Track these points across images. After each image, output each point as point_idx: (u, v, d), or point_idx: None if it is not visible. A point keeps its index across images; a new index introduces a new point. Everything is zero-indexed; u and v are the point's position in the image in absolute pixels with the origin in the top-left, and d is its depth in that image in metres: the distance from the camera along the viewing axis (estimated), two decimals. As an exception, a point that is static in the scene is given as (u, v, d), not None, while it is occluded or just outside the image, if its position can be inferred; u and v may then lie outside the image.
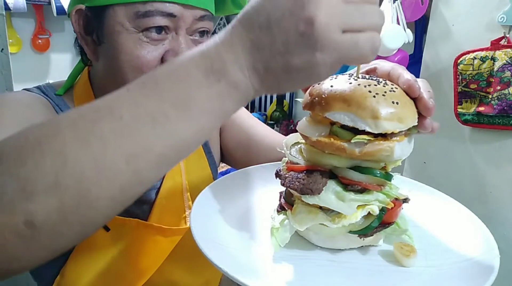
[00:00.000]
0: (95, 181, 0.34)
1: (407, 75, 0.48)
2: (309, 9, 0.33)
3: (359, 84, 0.46)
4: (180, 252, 0.77)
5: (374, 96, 0.44)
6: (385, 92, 0.45)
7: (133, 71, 0.62)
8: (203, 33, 0.67)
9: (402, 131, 0.46)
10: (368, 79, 0.47)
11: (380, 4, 1.40)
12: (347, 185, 0.48)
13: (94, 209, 0.34)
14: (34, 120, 0.63)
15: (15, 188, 0.33)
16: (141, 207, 0.75)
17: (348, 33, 0.35)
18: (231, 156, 0.90)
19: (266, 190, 0.63)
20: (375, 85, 0.46)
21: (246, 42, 0.35)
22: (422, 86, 0.48)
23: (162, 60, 0.63)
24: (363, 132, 0.45)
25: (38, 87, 0.72)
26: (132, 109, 0.35)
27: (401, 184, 0.53)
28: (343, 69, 2.00)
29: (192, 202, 0.77)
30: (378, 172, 0.48)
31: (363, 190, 0.48)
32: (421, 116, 0.48)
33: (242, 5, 0.78)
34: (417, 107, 0.47)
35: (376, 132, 0.44)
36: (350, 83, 0.46)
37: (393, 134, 0.45)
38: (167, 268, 0.77)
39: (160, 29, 0.61)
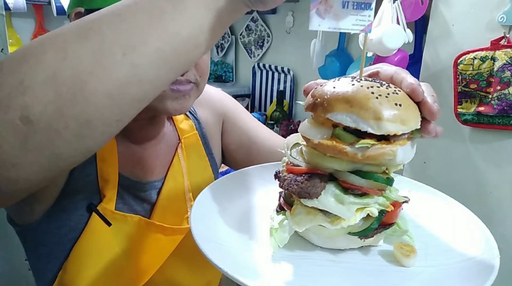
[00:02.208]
0: (92, 72, 0.34)
1: (410, 79, 0.48)
2: None
3: (361, 86, 0.46)
4: (182, 252, 0.77)
5: (377, 98, 0.44)
6: (388, 94, 0.45)
7: None
8: None
9: (405, 135, 0.46)
10: (371, 81, 0.47)
11: (380, 4, 1.40)
12: (347, 189, 0.48)
13: (90, 104, 0.34)
14: None
15: (13, 83, 0.33)
16: (142, 206, 0.76)
17: None
18: (232, 157, 0.90)
19: (266, 190, 0.63)
20: (378, 87, 0.46)
21: None
22: (426, 90, 0.48)
23: None
24: (366, 134, 0.45)
25: None
26: (130, 6, 0.37)
27: (401, 184, 0.53)
28: (343, 72, 2.00)
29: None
30: (380, 177, 0.48)
31: (363, 194, 0.48)
32: (425, 120, 0.48)
33: None
34: (421, 111, 0.47)
35: (378, 133, 0.44)
36: (353, 84, 0.46)
37: (395, 137, 0.45)
38: (169, 267, 0.77)
39: None
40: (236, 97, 2.65)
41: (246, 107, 2.74)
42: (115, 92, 0.35)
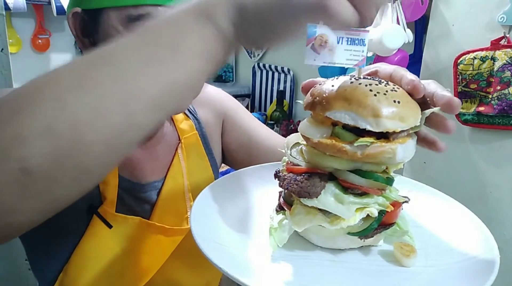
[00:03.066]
0: (89, 123, 0.34)
1: (410, 76, 0.47)
2: None
3: (360, 84, 0.46)
4: (182, 252, 0.77)
5: (375, 95, 0.44)
6: (387, 91, 0.45)
7: None
8: None
9: (404, 132, 0.46)
10: (370, 79, 0.47)
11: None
12: (347, 188, 0.48)
13: (89, 153, 0.35)
14: None
15: (11, 134, 0.33)
16: (142, 207, 0.75)
17: None
18: (232, 157, 0.90)
19: (266, 190, 0.63)
20: (377, 84, 0.46)
21: None
22: (436, 86, 0.48)
23: None
24: (365, 132, 0.45)
25: None
26: (127, 53, 0.37)
27: (401, 184, 0.53)
28: (343, 72, 2.00)
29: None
30: (380, 177, 0.48)
31: (363, 193, 0.48)
32: (440, 118, 0.48)
33: None
34: (434, 106, 0.47)
35: (377, 130, 0.44)
36: (351, 82, 0.46)
37: (395, 134, 0.45)
38: (169, 268, 0.77)
39: None
40: (236, 97, 2.63)
41: (246, 107, 2.74)
42: (113, 140, 0.36)
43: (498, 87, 1.20)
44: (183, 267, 0.80)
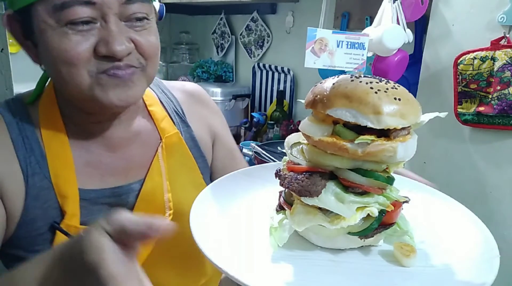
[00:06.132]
0: None
1: None
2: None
3: (360, 82, 0.46)
4: (171, 257, 0.75)
5: (376, 92, 0.44)
6: (387, 89, 0.45)
7: (66, 67, 0.59)
8: (141, 19, 0.62)
9: (404, 130, 0.46)
10: (370, 77, 0.47)
11: (380, 4, 1.40)
12: (348, 187, 0.48)
13: None
14: None
15: None
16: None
17: None
18: (215, 174, 0.89)
19: (266, 190, 0.63)
20: (377, 82, 0.46)
21: None
22: None
23: (95, 51, 0.59)
24: (366, 131, 0.45)
25: (7, 102, 0.70)
26: None
27: (401, 184, 0.53)
28: (343, 72, 1.99)
29: (173, 203, 0.75)
30: (380, 176, 0.48)
31: (363, 192, 0.48)
32: None
33: None
34: None
35: (378, 127, 0.44)
36: (352, 81, 0.47)
37: (395, 132, 0.45)
38: (156, 274, 0.74)
39: (84, 20, 0.58)
40: (236, 97, 2.64)
41: (246, 107, 2.74)
42: None
43: (498, 87, 1.20)
44: (173, 273, 0.77)
